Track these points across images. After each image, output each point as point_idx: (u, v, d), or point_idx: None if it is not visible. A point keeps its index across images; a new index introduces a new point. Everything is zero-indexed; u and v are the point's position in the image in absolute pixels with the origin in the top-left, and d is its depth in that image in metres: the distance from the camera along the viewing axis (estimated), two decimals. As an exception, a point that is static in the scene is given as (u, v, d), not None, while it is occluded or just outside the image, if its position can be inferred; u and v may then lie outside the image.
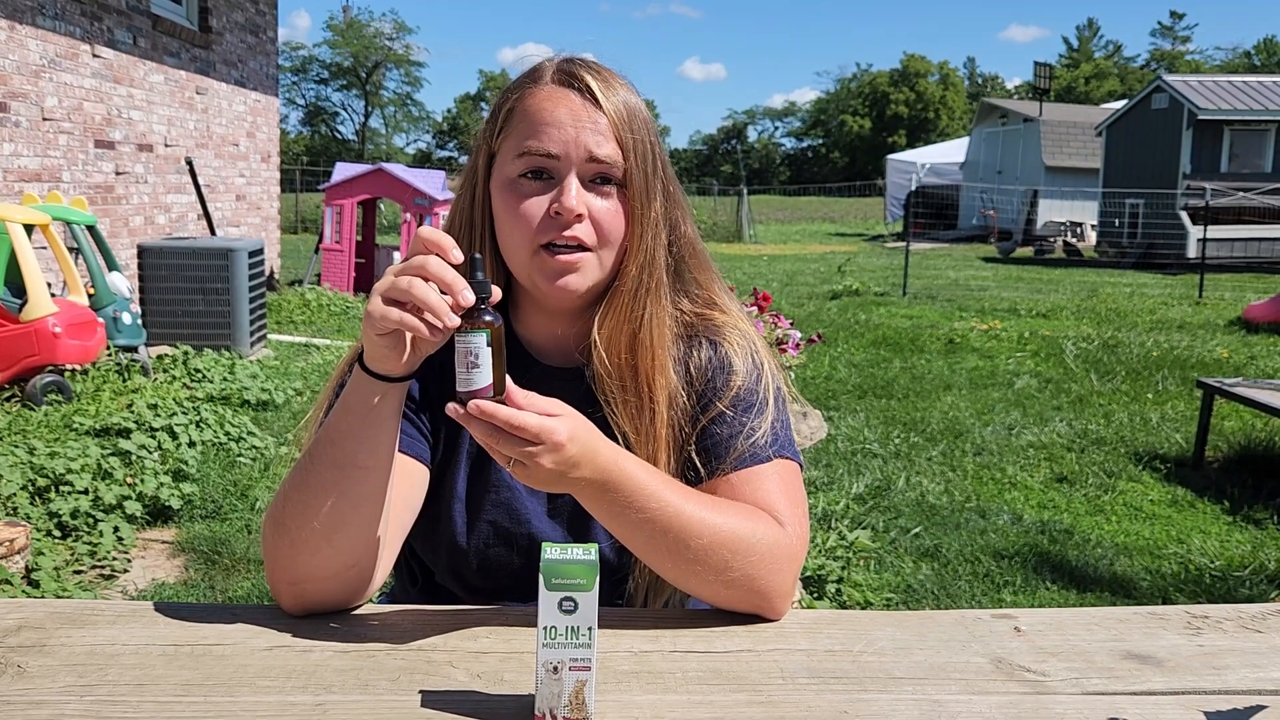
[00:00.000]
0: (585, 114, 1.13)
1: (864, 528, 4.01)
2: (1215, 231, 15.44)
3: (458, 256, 0.96)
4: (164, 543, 3.78)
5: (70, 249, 6.24)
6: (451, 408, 0.95)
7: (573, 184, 1.12)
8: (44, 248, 6.16)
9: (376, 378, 1.02)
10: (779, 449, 1.18)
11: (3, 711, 0.88)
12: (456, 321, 0.94)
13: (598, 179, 1.14)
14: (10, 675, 0.95)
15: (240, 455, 4.70)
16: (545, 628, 0.88)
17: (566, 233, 1.12)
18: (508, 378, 0.96)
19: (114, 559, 3.54)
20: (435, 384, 1.22)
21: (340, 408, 1.05)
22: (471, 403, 0.94)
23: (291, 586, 1.08)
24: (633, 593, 1.21)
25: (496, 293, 0.97)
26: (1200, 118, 17.31)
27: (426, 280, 0.95)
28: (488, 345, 0.94)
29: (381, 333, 0.98)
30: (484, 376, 0.94)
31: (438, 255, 0.96)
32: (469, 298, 0.94)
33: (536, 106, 1.14)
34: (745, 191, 26.38)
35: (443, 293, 0.95)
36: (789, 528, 1.12)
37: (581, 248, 1.13)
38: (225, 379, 6.09)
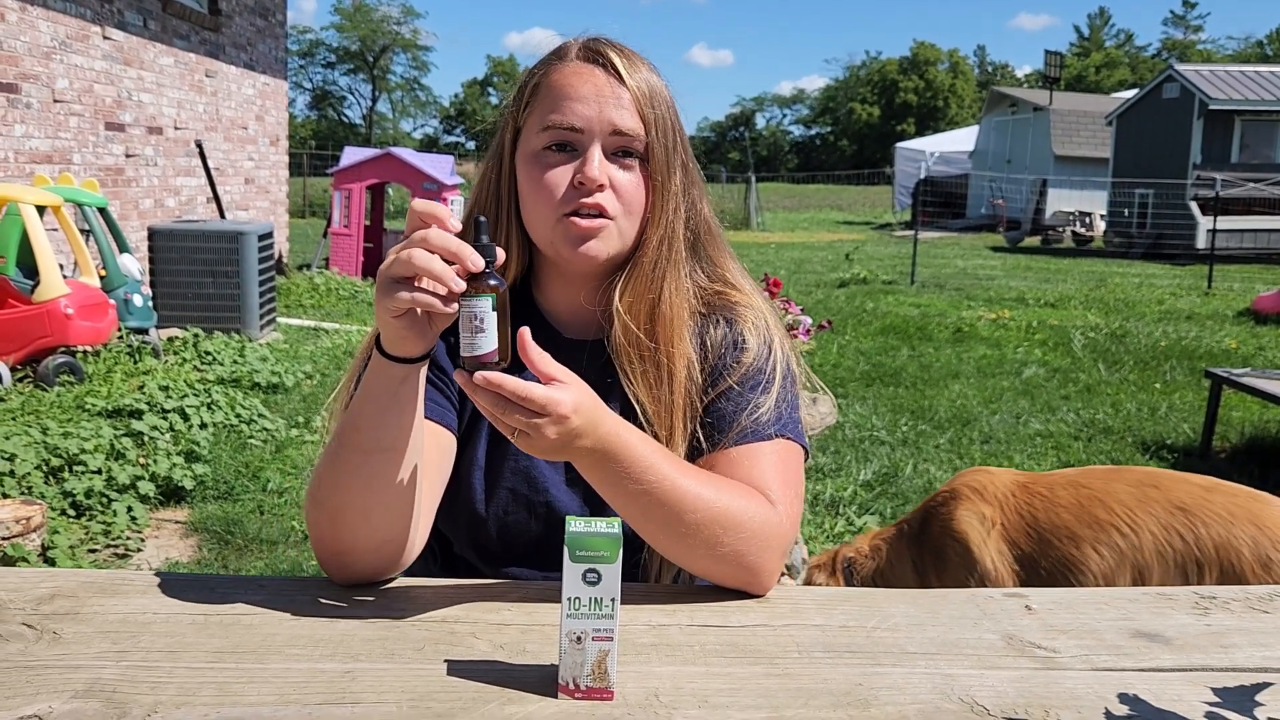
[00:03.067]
0: (609, 89, 1.16)
1: (871, 514, 4.04)
2: (1225, 222, 15.38)
3: (456, 225, 0.96)
4: (177, 523, 3.81)
5: (82, 231, 6.27)
6: (458, 374, 0.96)
7: (596, 154, 1.15)
8: (55, 229, 6.19)
9: (398, 361, 1.02)
10: (782, 428, 1.20)
11: (41, 675, 0.91)
12: (463, 286, 0.94)
13: (620, 151, 1.17)
14: (46, 641, 0.97)
15: (251, 437, 4.73)
16: (569, 599, 0.90)
17: (588, 201, 1.15)
18: (527, 333, 0.96)
19: (128, 538, 3.58)
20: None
21: (363, 395, 1.05)
22: (479, 374, 0.94)
23: (336, 558, 1.11)
24: (646, 564, 1.23)
25: (500, 254, 0.98)
26: (1211, 108, 17.22)
27: (430, 251, 0.95)
28: (493, 310, 0.94)
29: (396, 314, 0.97)
30: (489, 341, 0.95)
31: (436, 226, 0.96)
32: (477, 261, 0.94)
33: (562, 81, 1.17)
34: (753, 179, 26.32)
35: (449, 262, 0.95)
36: (780, 507, 1.15)
37: (603, 216, 1.16)
38: (235, 361, 6.12)
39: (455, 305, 0.97)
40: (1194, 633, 1.08)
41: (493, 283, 0.95)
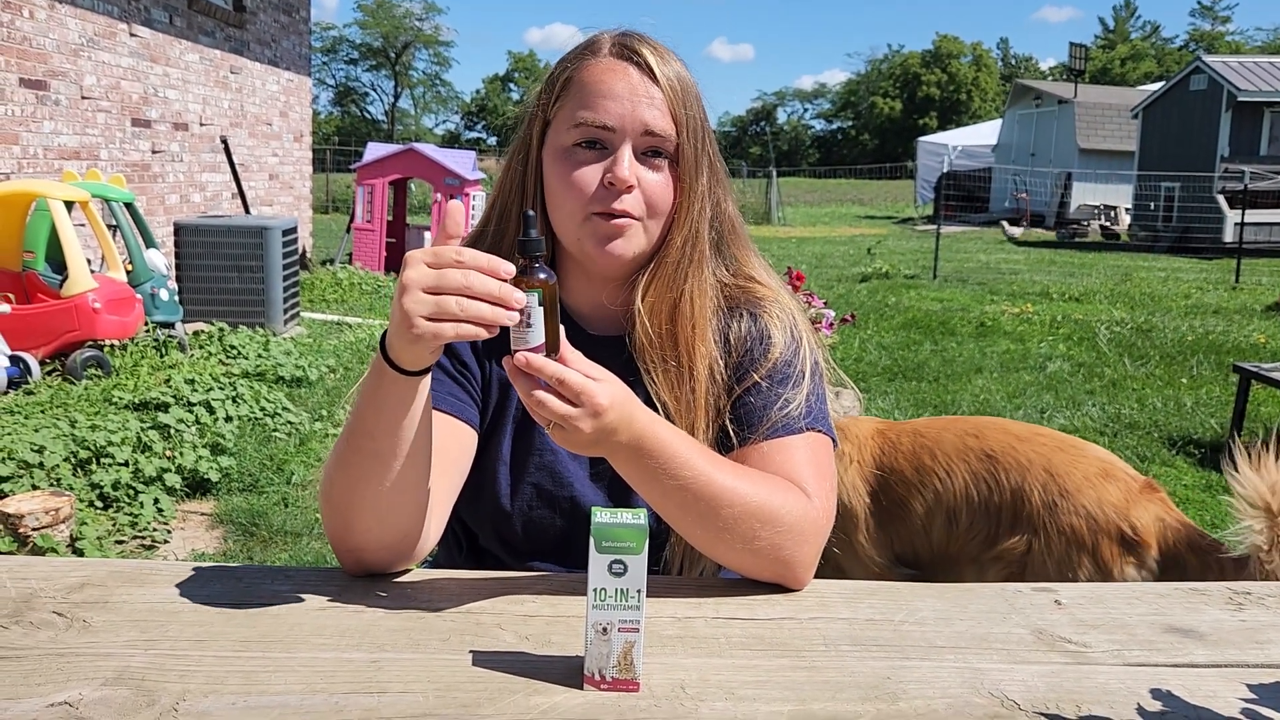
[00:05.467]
0: (642, 87, 1.15)
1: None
2: (1253, 215, 15.18)
3: (509, 270, 0.93)
4: (202, 514, 3.84)
5: (109, 226, 6.32)
6: (505, 360, 0.97)
7: (626, 155, 1.14)
8: (83, 225, 6.24)
9: (413, 374, 1.00)
10: (812, 421, 1.20)
11: (72, 663, 0.91)
12: (515, 319, 0.93)
13: (650, 152, 1.16)
14: (77, 629, 0.98)
15: (276, 430, 4.76)
16: (595, 589, 0.89)
17: (616, 204, 1.14)
18: (563, 333, 0.97)
19: (154, 530, 3.61)
20: (485, 349, 1.24)
21: (370, 403, 1.02)
22: (519, 355, 0.95)
23: (350, 554, 1.11)
24: (669, 560, 1.23)
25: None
26: (1240, 99, 16.99)
27: (473, 298, 0.91)
28: (540, 305, 0.95)
29: (433, 347, 0.96)
30: (536, 335, 0.95)
31: (475, 269, 0.92)
32: (509, 270, 0.93)
33: (594, 78, 1.16)
34: (774, 173, 26.24)
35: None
36: (815, 500, 1.14)
37: (630, 217, 1.15)
38: (260, 355, 6.16)
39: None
40: (1228, 628, 1.07)
41: (542, 276, 0.95)
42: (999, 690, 0.92)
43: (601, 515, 0.90)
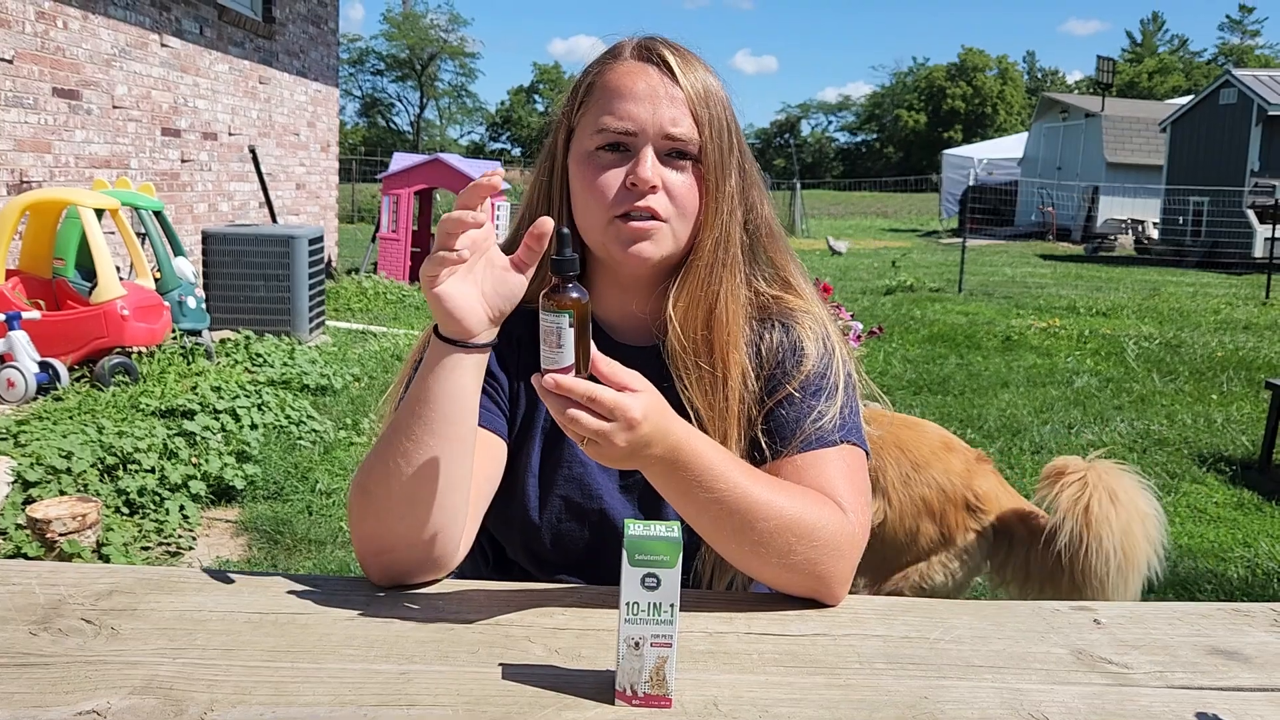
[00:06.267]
0: (663, 89, 1.14)
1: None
2: (1284, 231, 14.98)
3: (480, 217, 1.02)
4: (228, 522, 3.85)
5: (138, 234, 6.38)
6: (534, 378, 0.96)
7: (648, 156, 1.13)
8: (113, 232, 6.31)
9: (451, 344, 1.04)
10: (846, 434, 1.18)
11: (100, 670, 0.91)
12: (479, 218, 0.99)
13: (673, 153, 1.15)
14: (105, 636, 0.97)
15: (300, 438, 4.77)
16: (628, 603, 0.88)
17: (641, 203, 1.13)
18: (593, 346, 0.96)
19: (180, 536, 3.62)
20: (512, 360, 1.23)
21: (418, 382, 1.06)
22: (548, 377, 0.94)
23: (378, 557, 1.09)
24: (699, 572, 1.21)
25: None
26: (1270, 113, 16.83)
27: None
28: (570, 326, 0.94)
29: (434, 285, 1.01)
30: (566, 356, 0.95)
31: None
32: (491, 189, 1.00)
33: (615, 82, 1.15)
34: (798, 185, 26.20)
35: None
36: (851, 515, 1.12)
37: (655, 218, 1.14)
38: (285, 364, 6.19)
39: (472, 251, 1.03)
40: (1273, 651, 1.04)
41: (574, 295, 0.95)
42: (1039, 711, 0.90)
43: (635, 528, 0.89)
